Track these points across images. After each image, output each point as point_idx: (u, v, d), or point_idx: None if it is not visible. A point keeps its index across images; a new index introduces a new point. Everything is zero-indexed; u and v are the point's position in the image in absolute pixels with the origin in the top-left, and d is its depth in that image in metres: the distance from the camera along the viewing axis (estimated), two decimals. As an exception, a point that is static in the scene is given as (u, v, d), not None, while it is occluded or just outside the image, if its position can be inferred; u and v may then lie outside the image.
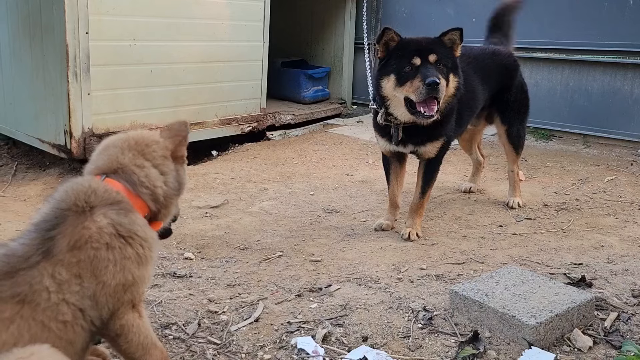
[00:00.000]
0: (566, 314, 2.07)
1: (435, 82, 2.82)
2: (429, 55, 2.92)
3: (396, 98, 3.01)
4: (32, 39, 4.69)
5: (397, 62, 2.98)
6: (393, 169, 3.43)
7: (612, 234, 3.30)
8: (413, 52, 2.93)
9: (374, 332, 2.13)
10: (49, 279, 1.43)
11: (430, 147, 3.18)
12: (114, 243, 1.51)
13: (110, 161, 1.67)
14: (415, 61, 2.92)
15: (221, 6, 5.45)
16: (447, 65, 2.98)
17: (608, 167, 4.72)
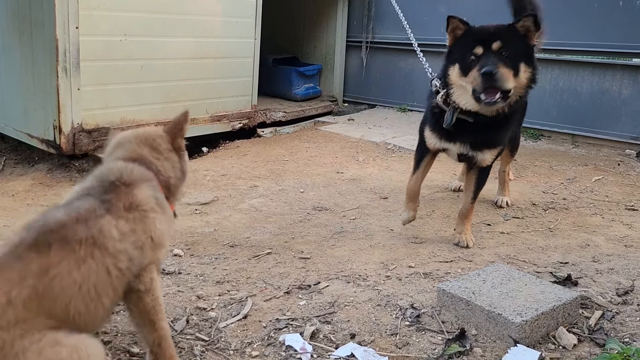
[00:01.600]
0: (551, 312, 2.09)
1: (489, 71, 2.65)
2: (493, 43, 2.72)
3: (462, 87, 2.85)
4: (22, 34, 4.65)
5: (461, 51, 2.84)
6: (426, 159, 3.25)
7: (598, 234, 3.34)
8: (476, 41, 2.77)
9: (362, 330, 2.14)
10: (114, 229, 1.65)
11: (489, 154, 3.03)
12: (156, 208, 1.79)
13: (130, 153, 1.90)
14: (477, 50, 2.76)
15: (213, 2, 5.43)
16: (516, 53, 2.75)
17: (596, 167, 4.77)
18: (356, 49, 7.32)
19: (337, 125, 6.34)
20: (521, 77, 2.80)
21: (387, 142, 5.51)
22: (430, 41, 6.56)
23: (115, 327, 2.15)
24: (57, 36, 4.32)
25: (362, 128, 6.14)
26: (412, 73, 6.82)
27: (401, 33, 6.88)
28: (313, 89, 7.29)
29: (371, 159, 5.08)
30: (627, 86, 5.27)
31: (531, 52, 2.82)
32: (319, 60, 7.50)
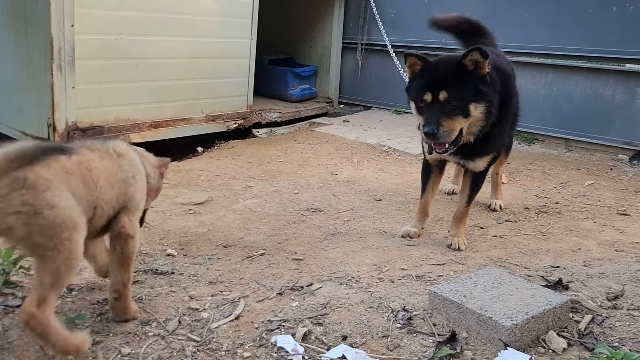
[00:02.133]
0: (542, 316, 2.11)
1: (430, 132, 2.76)
2: (439, 93, 2.78)
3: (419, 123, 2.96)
4: (17, 32, 4.64)
5: (416, 91, 2.90)
6: (432, 178, 3.31)
7: (590, 238, 3.36)
8: (426, 86, 2.83)
9: (354, 331, 2.15)
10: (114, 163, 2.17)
11: (481, 162, 3.09)
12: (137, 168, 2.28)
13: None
14: (427, 97, 2.82)
15: (209, 2, 5.44)
16: (464, 96, 2.80)
17: (588, 172, 4.80)
18: (352, 51, 7.34)
19: (333, 127, 6.35)
20: (473, 115, 2.85)
21: (382, 144, 5.53)
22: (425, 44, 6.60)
23: (107, 327, 2.14)
24: (52, 34, 4.31)
25: (357, 130, 6.16)
26: (408, 75, 6.83)
27: (397, 35, 6.91)
28: (309, 90, 7.30)
29: (366, 161, 5.09)
30: (620, 91, 5.31)
31: (481, 85, 2.83)
32: (315, 61, 7.51)
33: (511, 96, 3.13)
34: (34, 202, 1.75)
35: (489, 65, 2.82)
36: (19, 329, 2.10)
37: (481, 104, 2.83)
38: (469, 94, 2.80)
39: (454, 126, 2.80)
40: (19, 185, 1.74)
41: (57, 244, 1.80)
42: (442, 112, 2.79)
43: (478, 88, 2.82)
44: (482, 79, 2.82)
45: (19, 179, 1.74)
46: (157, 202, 3.82)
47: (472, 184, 3.20)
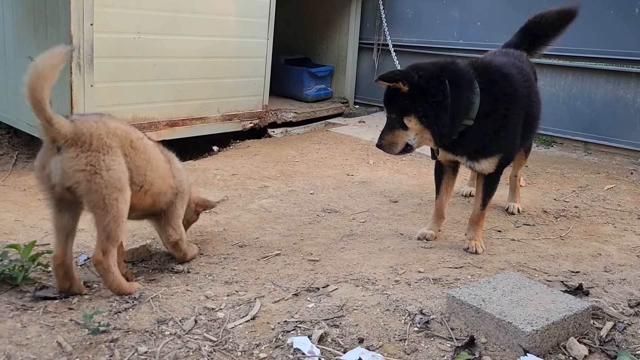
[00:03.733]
0: (562, 322, 2.07)
1: (377, 145, 3.10)
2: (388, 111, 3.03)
3: None
4: (37, 29, 4.68)
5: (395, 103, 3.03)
6: (445, 179, 3.30)
7: (610, 243, 3.30)
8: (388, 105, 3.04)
9: (370, 334, 2.13)
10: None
11: (486, 163, 3.07)
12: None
13: None
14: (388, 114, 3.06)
15: (227, 2, 5.45)
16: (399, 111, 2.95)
17: (608, 176, 4.72)
18: (368, 51, 7.31)
19: (348, 127, 6.33)
20: (412, 127, 2.94)
21: (398, 145, 5.49)
22: (442, 45, 6.56)
23: (125, 324, 2.15)
24: (71, 32, 4.35)
25: (373, 130, 6.13)
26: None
27: (413, 36, 6.87)
28: (324, 90, 7.29)
29: (382, 162, 5.06)
30: (642, 94, 5.22)
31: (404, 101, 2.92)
32: (331, 61, 7.49)
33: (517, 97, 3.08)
34: (95, 163, 2.21)
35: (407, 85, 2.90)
36: (38, 325, 2.11)
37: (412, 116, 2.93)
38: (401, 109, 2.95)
39: (394, 139, 3.03)
40: (85, 148, 2.20)
41: (107, 203, 2.24)
42: (388, 127, 3.04)
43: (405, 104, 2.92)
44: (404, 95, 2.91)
45: (86, 143, 2.20)
46: (173, 201, 3.83)
47: (484, 186, 3.16)
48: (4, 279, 2.42)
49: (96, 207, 2.25)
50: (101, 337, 2.04)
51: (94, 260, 2.33)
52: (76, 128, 2.20)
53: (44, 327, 2.10)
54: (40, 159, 2.26)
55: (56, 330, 2.08)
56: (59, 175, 2.20)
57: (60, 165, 2.19)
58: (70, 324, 2.13)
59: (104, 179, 2.22)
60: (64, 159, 2.18)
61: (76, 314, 2.21)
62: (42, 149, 2.27)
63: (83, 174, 2.19)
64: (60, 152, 2.20)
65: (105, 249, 2.31)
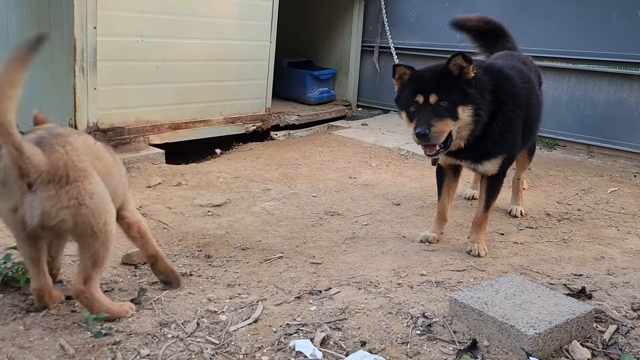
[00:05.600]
0: (565, 326, 2.06)
1: (422, 133, 2.79)
2: (430, 97, 2.83)
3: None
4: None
5: (406, 99, 2.93)
6: (447, 181, 3.29)
7: (613, 246, 3.30)
8: (416, 91, 2.88)
9: (373, 337, 2.13)
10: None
11: (489, 165, 3.07)
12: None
13: None
14: (418, 99, 2.86)
15: (229, 5, 5.46)
16: (453, 99, 2.84)
17: (611, 178, 4.71)
18: (371, 54, 7.31)
19: (351, 130, 6.33)
20: (462, 119, 2.86)
21: (401, 148, 5.50)
22: (445, 47, 6.55)
23: (127, 327, 2.15)
24: (75, 36, 4.36)
25: (376, 133, 6.13)
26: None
27: (416, 38, 6.87)
28: (327, 92, 7.29)
29: (384, 165, 5.06)
30: (645, 97, 5.21)
31: (467, 89, 2.86)
32: (334, 64, 7.50)
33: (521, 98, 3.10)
34: (78, 196, 1.98)
35: (474, 69, 2.86)
36: (41, 328, 2.12)
37: (468, 107, 2.86)
38: (456, 96, 2.85)
39: (443, 128, 2.84)
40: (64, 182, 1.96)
41: (96, 230, 2.06)
42: (433, 114, 2.83)
43: (465, 91, 2.85)
44: (468, 82, 2.86)
45: (63, 176, 1.95)
46: (176, 204, 3.84)
47: (487, 188, 3.16)
48: (7, 281, 2.42)
49: (84, 236, 2.06)
50: (104, 339, 2.05)
51: (74, 292, 2.11)
52: (50, 159, 1.91)
53: (47, 330, 2.11)
54: (6, 200, 1.94)
55: (59, 333, 2.09)
56: (37, 216, 1.93)
57: (38, 205, 1.92)
58: (73, 327, 2.14)
59: (90, 208, 2.02)
60: (42, 198, 1.92)
61: (79, 316, 2.21)
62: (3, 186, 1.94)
63: (69, 210, 1.97)
64: (33, 190, 1.91)
65: (88, 277, 2.10)
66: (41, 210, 1.93)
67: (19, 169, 1.87)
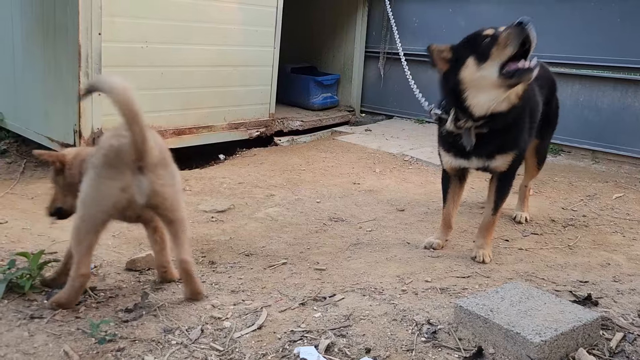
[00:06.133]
0: (571, 333, 2.05)
1: (527, 20, 2.66)
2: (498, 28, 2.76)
3: (481, 79, 2.78)
4: (45, 39, 4.73)
5: (469, 48, 2.83)
6: (452, 188, 3.25)
7: (619, 252, 3.28)
8: (479, 31, 2.80)
9: (377, 344, 2.12)
10: None
11: (502, 160, 2.99)
12: None
13: None
14: (489, 32, 2.78)
15: (233, 11, 5.48)
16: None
17: (616, 184, 4.70)
18: (375, 60, 7.33)
19: (355, 136, 6.33)
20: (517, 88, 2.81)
21: (405, 154, 5.49)
22: (450, 53, 6.55)
23: (132, 333, 2.15)
24: (80, 42, 4.38)
25: (380, 139, 6.13)
26: (431, 85, 6.78)
27: (419, 44, 6.87)
28: (331, 98, 7.30)
29: (388, 171, 5.06)
30: (650, 102, 5.20)
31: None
32: (338, 70, 7.51)
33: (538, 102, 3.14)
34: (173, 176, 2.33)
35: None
36: (45, 334, 2.12)
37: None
38: None
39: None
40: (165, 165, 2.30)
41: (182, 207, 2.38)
42: None
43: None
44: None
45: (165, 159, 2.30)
46: (180, 209, 3.83)
47: (497, 189, 3.10)
48: (12, 287, 2.42)
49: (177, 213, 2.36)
50: (108, 346, 2.04)
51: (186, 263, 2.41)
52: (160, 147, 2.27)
53: (51, 336, 2.10)
54: (117, 180, 2.20)
55: (63, 339, 2.08)
56: (146, 194, 2.22)
57: (148, 184, 2.22)
58: (77, 333, 2.14)
59: (178, 188, 2.37)
60: (153, 177, 2.23)
61: (83, 322, 2.21)
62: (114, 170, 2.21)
63: (171, 188, 2.30)
64: (143, 172, 2.21)
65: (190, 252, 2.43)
66: (151, 188, 2.22)
67: (140, 155, 2.17)
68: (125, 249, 3.18)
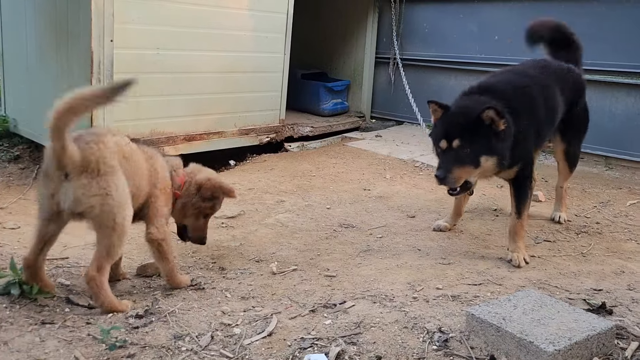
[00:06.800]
0: (585, 342, 2.02)
1: (439, 176, 2.91)
2: (453, 141, 2.91)
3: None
4: (58, 46, 4.77)
5: (434, 137, 3.04)
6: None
7: (633, 260, 3.23)
8: (442, 134, 2.96)
9: (388, 352, 2.10)
10: None
11: (509, 173, 3.18)
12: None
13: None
14: (442, 144, 2.95)
15: (244, 17, 5.50)
16: (477, 148, 2.91)
17: (630, 191, 4.64)
18: (385, 65, 7.31)
19: (365, 142, 6.31)
20: (484, 167, 2.96)
21: (415, 160, 5.47)
22: (459, 59, 6.54)
23: (142, 339, 2.15)
24: (92, 48, 4.41)
25: (390, 145, 6.11)
26: (441, 90, 6.77)
27: (430, 50, 6.86)
28: (341, 104, 7.29)
29: (399, 177, 5.04)
30: (664, 108, 5.14)
31: (495, 141, 2.92)
32: (348, 75, 7.50)
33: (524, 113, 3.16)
34: (106, 187, 2.26)
35: (505, 123, 2.92)
36: (56, 340, 2.12)
37: (493, 157, 2.97)
38: (482, 146, 2.92)
39: (462, 174, 2.95)
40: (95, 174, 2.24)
41: (117, 221, 2.29)
42: (455, 160, 2.92)
43: (491, 143, 2.92)
44: (497, 134, 2.92)
45: (94, 169, 2.24)
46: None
47: (515, 194, 3.24)
48: (23, 292, 2.43)
49: (105, 227, 2.30)
50: (118, 352, 2.04)
51: (87, 277, 2.33)
52: (83, 154, 2.22)
53: (62, 342, 2.11)
54: (46, 186, 2.28)
55: (74, 345, 2.09)
56: (70, 201, 2.23)
57: (71, 192, 2.23)
58: (87, 339, 2.14)
59: (115, 200, 2.28)
60: (75, 186, 2.23)
61: (94, 328, 2.22)
62: (45, 175, 2.28)
63: (96, 198, 2.25)
64: (69, 179, 2.23)
65: (101, 266, 2.33)
66: (74, 195, 2.23)
67: (60, 162, 2.19)
68: (136, 255, 3.19)
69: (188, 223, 2.93)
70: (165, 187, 2.70)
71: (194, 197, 2.85)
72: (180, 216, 2.90)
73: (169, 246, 2.65)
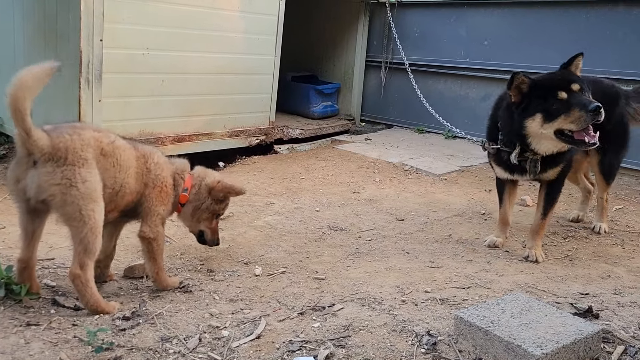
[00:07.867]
0: (572, 346, 2.03)
1: (599, 106, 2.85)
2: (572, 85, 2.95)
3: (543, 135, 3.04)
4: (47, 45, 4.73)
5: (539, 101, 3.01)
6: (507, 189, 3.50)
7: (619, 265, 3.26)
8: (555, 87, 2.96)
9: (377, 355, 2.10)
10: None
11: (552, 172, 3.27)
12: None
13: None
14: (562, 95, 2.95)
15: (235, 19, 5.49)
16: (587, 90, 3.00)
17: (616, 196, 4.69)
18: (375, 69, 7.34)
19: (354, 145, 6.32)
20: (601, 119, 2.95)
21: (404, 163, 5.49)
22: (449, 63, 6.58)
23: (130, 341, 2.13)
24: (81, 48, 4.38)
25: (379, 148, 6.12)
26: (431, 94, 6.80)
27: (420, 54, 6.89)
28: (331, 107, 7.30)
29: (388, 180, 5.05)
30: (650, 115, 5.19)
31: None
32: (338, 78, 7.52)
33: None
34: (71, 177, 2.21)
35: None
36: (41, 342, 2.09)
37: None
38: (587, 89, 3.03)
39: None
40: (61, 162, 2.21)
41: (84, 214, 2.23)
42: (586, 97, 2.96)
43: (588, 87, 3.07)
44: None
45: (62, 157, 2.21)
46: (179, 217, 3.82)
47: (547, 196, 3.33)
48: (8, 293, 2.40)
49: (72, 219, 2.25)
50: (104, 354, 2.02)
51: (71, 275, 2.29)
52: (53, 142, 2.20)
53: (47, 344, 2.08)
54: (14, 171, 2.28)
55: (59, 347, 2.06)
56: (34, 188, 2.21)
57: (36, 179, 2.20)
58: (73, 341, 2.11)
59: (80, 191, 2.23)
60: (40, 173, 2.20)
61: (80, 330, 2.19)
62: (16, 161, 2.28)
63: (58, 187, 2.20)
64: (36, 166, 2.21)
65: (83, 263, 2.28)
66: (37, 183, 2.20)
67: (27, 148, 2.19)
68: (123, 256, 3.17)
69: (203, 227, 2.91)
70: (162, 187, 2.66)
71: (206, 200, 2.83)
72: (194, 221, 2.89)
73: (159, 246, 2.63)
